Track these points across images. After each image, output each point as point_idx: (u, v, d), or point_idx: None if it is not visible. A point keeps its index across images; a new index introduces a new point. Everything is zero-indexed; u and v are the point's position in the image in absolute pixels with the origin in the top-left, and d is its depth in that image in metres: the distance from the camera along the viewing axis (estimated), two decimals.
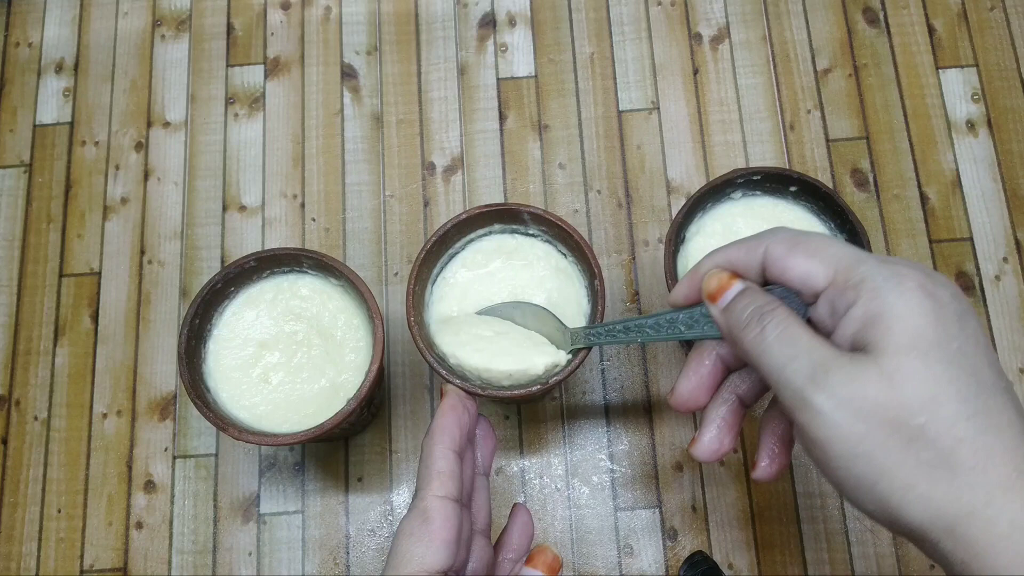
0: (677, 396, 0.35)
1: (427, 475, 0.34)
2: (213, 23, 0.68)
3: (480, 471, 0.39)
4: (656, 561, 0.54)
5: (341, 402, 0.46)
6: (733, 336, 0.32)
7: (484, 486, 0.39)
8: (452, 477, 0.34)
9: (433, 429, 0.36)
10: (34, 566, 0.56)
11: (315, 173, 0.63)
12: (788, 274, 0.31)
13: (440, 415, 0.36)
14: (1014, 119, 0.63)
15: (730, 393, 0.35)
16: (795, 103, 0.64)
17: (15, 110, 0.66)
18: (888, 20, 0.66)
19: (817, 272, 0.30)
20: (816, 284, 0.30)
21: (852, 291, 0.28)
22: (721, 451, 0.34)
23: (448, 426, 0.36)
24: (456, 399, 0.37)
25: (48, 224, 0.63)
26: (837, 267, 0.29)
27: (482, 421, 0.40)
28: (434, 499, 0.33)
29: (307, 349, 0.49)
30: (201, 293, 0.47)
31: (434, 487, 0.34)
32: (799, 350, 0.28)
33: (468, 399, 0.38)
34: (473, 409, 0.38)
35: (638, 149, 0.63)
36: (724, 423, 0.34)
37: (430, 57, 0.66)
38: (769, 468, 0.34)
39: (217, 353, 0.49)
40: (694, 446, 0.34)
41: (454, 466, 0.34)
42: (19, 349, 0.60)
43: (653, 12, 0.66)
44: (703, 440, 0.34)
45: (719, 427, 0.34)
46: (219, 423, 0.45)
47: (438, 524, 0.33)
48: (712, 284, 0.33)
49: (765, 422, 0.34)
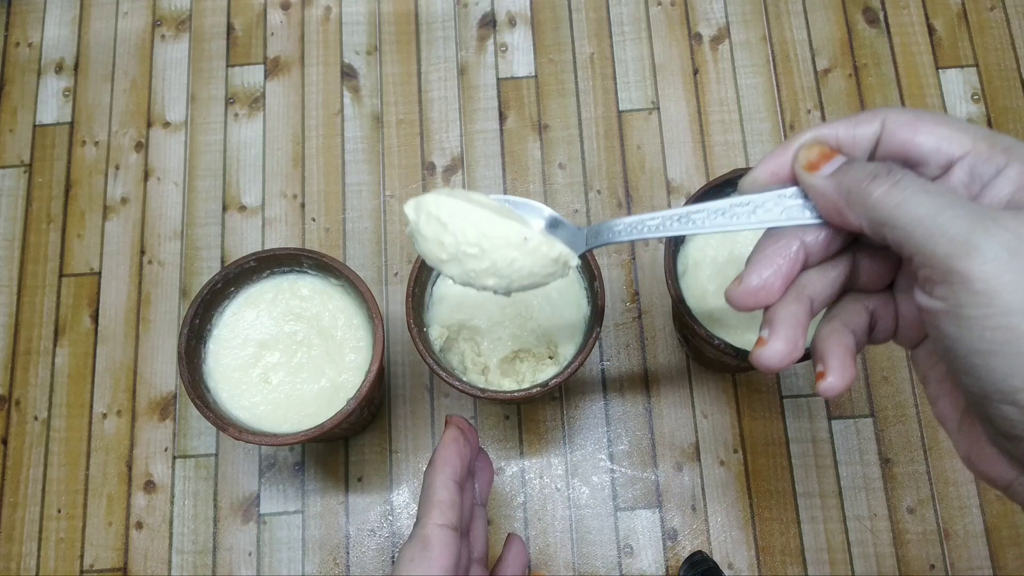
0: (748, 285, 0.30)
1: (428, 504, 0.35)
2: (213, 23, 0.68)
3: (477, 502, 0.40)
4: (656, 561, 0.54)
5: (341, 402, 0.46)
6: (853, 196, 0.28)
7: (481, 516, 0.40)
8: (452, 506, 0.34)
9: (435, 459, 0.36)
10: (34, 566, 0.56)
11: (315, 173, 0.63)
12: (918, 140, 0.28)
13: (442, 446, 0.37)
14: (1014, 119, 0.63)
15: (803, 292, 0.30)
16: (795, 103, 0.64)
17: (15, 110, 0.66)
18: (888, 20, 0.66)
19: (955, 138, 0.28)
20: (953, 151, 0.28)
21: (1002, 155, 0.27)
22: (794, 356, 0.30)
23: (450, 457, 0.36)
24: (458, 432, 0.38)
25: (48, 224, 0.63)
26: (976, 136, 0.27)
27: (481, 453, 0.41)
28: (434, 527, 0.34)
29: (307, 349, 0.49)
30: (201, 293, 0.47)
31: (434, 515, 0.34)
32: (953, 199, 0.26)
33: (470, 431, 0.39)
34: (474, 441, 0.39)
35: (638, 149, 0.63)
36: (799, 324, 0.30)
37: (430, 57, 0.66)
38: (839, 380, 0.29)
39: (217, 353, 0.49)
40: (763, 349, 0.29)
41: (455, 496, 0.35)
42: (19, 349, 0.60)
43: (653, 12, 0.66)
44: (776, 343, 0.29)
45: (794, 327, 0.29)
46: (219, 423, 0.45)
47: (437, 551, 0.33)
48: (814, 152, 0.29)
49: (828, 332, 0.30)
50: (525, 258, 0.35)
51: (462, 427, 0.38)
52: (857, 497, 0.55)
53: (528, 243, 0.35)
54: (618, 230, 0.34)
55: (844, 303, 0.31)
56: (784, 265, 0.30)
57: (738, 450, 0.56)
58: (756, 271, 0.30)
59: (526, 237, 0.35)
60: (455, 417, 0.39)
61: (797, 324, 0.29)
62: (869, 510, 0.55)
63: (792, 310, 0.30)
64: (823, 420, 0.57)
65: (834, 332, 0.30)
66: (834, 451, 0.56)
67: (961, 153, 0.27)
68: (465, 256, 0.35)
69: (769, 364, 0.29)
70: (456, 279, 0.37)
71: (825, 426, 0.56)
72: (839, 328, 0.30)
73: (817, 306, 0.31)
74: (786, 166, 0.30)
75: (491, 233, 0.35)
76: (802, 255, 0.30)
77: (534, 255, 0.36)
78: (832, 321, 0.31)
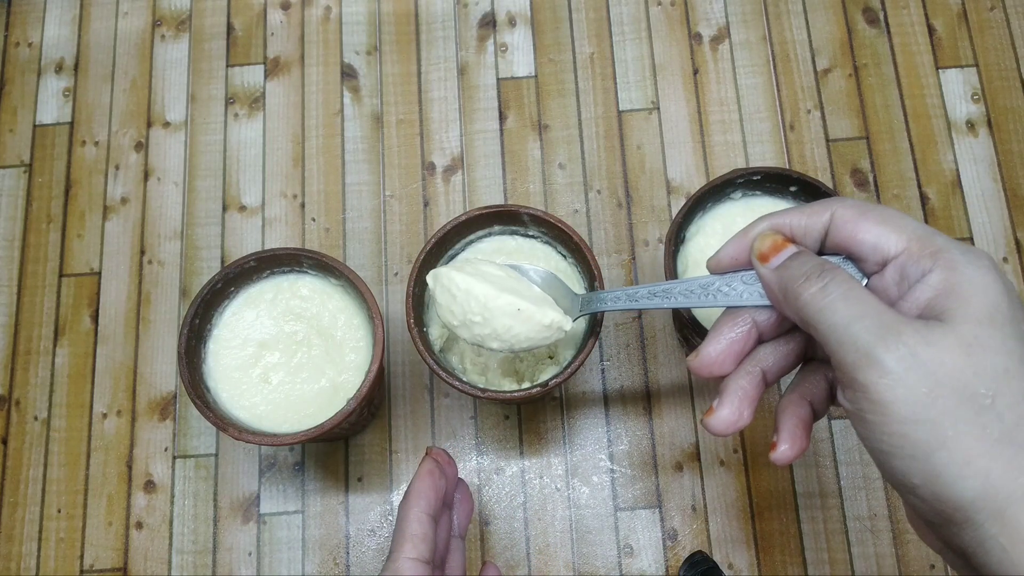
0: (703, 358, 0.33)
1: (400, 538, 0.36)
2: (213, 23, 0.68)
3: (455, 533, 0.40)
4: (656, 561, 0.54)
5: (341, 402, 0.46)
6: (788, 293, 0.30)
7: (459, 548, 0.40)
8: (424, 540, 0.36)
9: (409, 492, 0.37)
10: (34, 566, 0.56)
11: (315, 173, 0.63)
12: (859, 237, 0.30)
13: (418, 478, 0.37)
14: (1014, 119, 0.63)
15: (755, 366, 0.33)
16: (795, 103, 0.64)
17: (15, 110, 0.66)
18: (888, 20, 0.66)
19: (891, 238, 0.29)
20: (888, 250, 0.29)
21: (928, 259, 0.28)
22: (739, 424, 0.32)
23: (424, 490, 0.37)
24: (434, 464, 0.38)
25: (48, 224, 0.63)
26: (911, 235, 0.29)
27: (461, 484, 0.41)
28: (406, 560, 0.35)
29: (307, 349, 0.49)
30: (201, 293, 0.47)
31: (406, 549, 0.35)
32: (867, 308, 0.28)
33: (449, 464, 0.39)
34: (453, 473, 0.40)
35: (638, 149, 0.63)
36: (745, 395, 0.33)
37: (430, 57, 0.66)
38: (790, 450, 0.32)
39: (217, 353, 0.49)
40: (711, 417, 0.33)
41: (427, 529, 0.36)
42: (19, 349, 0.60)
43: (653, 12, 0.66)
44: (722, 412, 0.32)
45: (740, 399, 0.32)
46: (219, 423, 0.45)
47: None
48: (766, 244, 0.32)
49: (786, 404, 0.33)
50: (520, 326, 0.42)
51: (440, 459, 0.39)
52: (857, 497, 0.55)
53: (521, 313, 0.41)
54: (608, 300, 0.40)
55: (805, 372, 0.34)
56: (737, 342, 0.33)
57: (738, 450, 0.56)
58: (711, 346, 0.33)
59: (519, 308, 0.41)
60: (434, 450, 0.40)
61: (744, 396, 0.32)
62: (869, 510, 0.55)
63: (741, 383, 0.33)
64: (823, 420, 0.57)
65: (791, 404, 0.33)
66: (834, 451, 0.56)
67: (895, 252, 0.29)
68: (471, 323, 0.42)
69: (715, 431, 0.32)
70: (467, 341, 0.44)
71: (825, 426, 0.56)
72: (796, 400, 0.33)
73: (771, 377, 0.33)
74: (745, 251, 0.33)
75: (490, 305, 0.42)
76: (755, 333, 0.33)
77: (528, 323, 0.42)
78: (792, 393, 0.33)
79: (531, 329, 0.42)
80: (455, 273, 0.42)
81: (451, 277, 0.42)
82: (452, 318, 0.43)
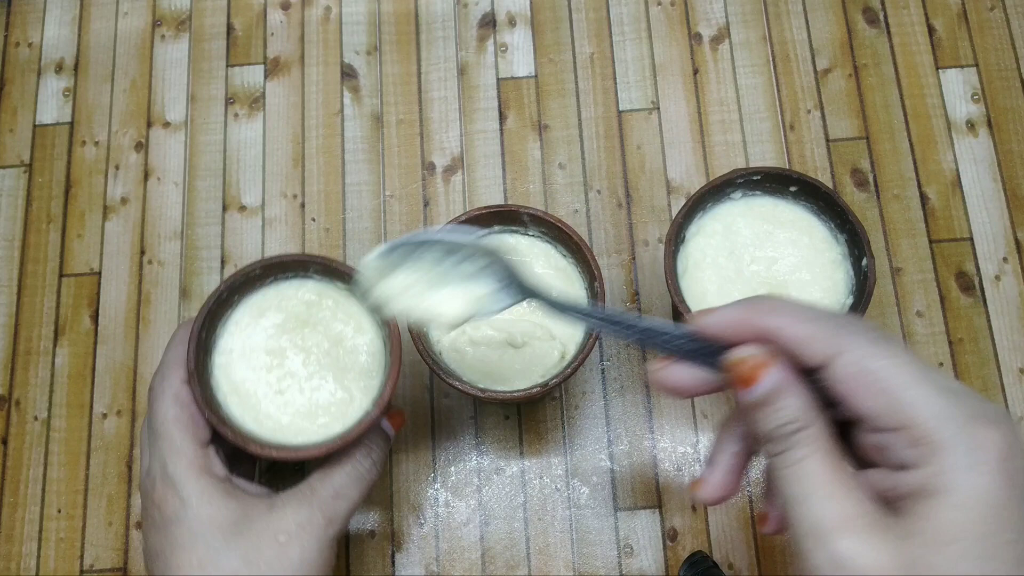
0: (707, 489, 0.34)
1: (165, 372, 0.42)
2: (213, 23, 0.68)
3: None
4: (656, 561, 0.54)
5: (356, 410, 0.45)
6: (757, 437, 0.30)
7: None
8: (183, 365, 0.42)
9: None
10: (34, 566, 0.56)
11: (315, 173, 0.63)
12: (856, 403, 0.28)
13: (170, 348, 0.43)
14: (1014, 119, 0.63)
15: (742, 438, 0.34)
16: (795, 103, 0.64)
17: (15, 110, 0.66)
18: (888, 20, 0.66)
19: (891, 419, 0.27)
20: (883, 425, 0.28)
21: (925, 449, 0.26)
22: (727, 496, 0.34)
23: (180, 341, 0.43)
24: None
25: (48, 224, 0.63)
26: (918, 414, 0.26)
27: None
28: (183, 384, 0.41)
29: (316, 356, 0.47)
30: (207, 305, 0.45)
31: (181, 375, 0.41)
32: (815, 489, 0.27)
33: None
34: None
35: (638, 149, 0.63)
36: (732, 467, 0.34)
37: (430, 57, 0.66)
38: (782, 527, 0.33)
39: (224, 366, 0.46)
40: (700, 489, 0.34)
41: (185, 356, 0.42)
42: (19, 349, 0.60)
43: (653, 12, 0.66)
44: (710, 483, 0.34)
45: (725, 471, 0.34)
46: (239, 439, 0.42)
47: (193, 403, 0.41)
48: (745, 368, 0.30)
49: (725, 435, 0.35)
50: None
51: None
52: None
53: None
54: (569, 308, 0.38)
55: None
56: (737, 464, 0.34)
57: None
58: (714, 475, 0.34)
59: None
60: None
61: (731, 470, 0.34)
62: None
63: (727, 455, 0.34)
64: None
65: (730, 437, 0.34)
66: None
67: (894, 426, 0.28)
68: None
69: (705, 501, 0.34)
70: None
71: None
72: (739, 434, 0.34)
73: (758, 449, 0.34)
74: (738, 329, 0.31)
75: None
76: (745, 443, 0.34)
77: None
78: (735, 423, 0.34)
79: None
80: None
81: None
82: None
